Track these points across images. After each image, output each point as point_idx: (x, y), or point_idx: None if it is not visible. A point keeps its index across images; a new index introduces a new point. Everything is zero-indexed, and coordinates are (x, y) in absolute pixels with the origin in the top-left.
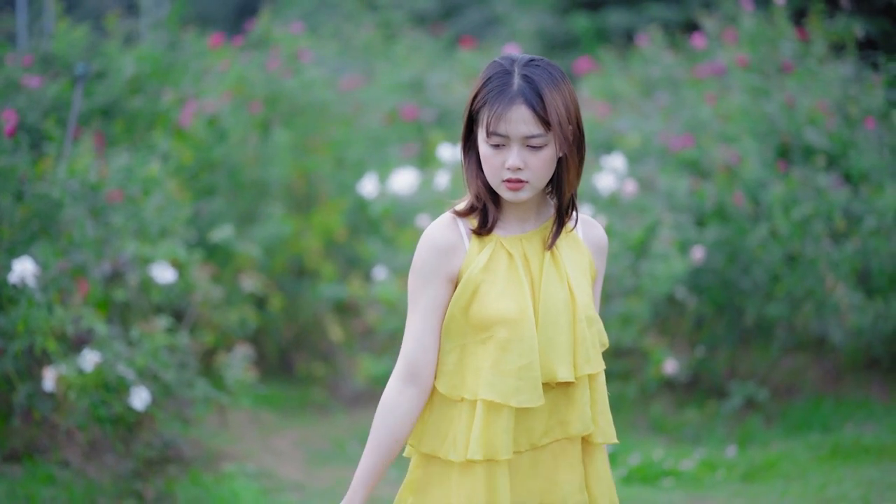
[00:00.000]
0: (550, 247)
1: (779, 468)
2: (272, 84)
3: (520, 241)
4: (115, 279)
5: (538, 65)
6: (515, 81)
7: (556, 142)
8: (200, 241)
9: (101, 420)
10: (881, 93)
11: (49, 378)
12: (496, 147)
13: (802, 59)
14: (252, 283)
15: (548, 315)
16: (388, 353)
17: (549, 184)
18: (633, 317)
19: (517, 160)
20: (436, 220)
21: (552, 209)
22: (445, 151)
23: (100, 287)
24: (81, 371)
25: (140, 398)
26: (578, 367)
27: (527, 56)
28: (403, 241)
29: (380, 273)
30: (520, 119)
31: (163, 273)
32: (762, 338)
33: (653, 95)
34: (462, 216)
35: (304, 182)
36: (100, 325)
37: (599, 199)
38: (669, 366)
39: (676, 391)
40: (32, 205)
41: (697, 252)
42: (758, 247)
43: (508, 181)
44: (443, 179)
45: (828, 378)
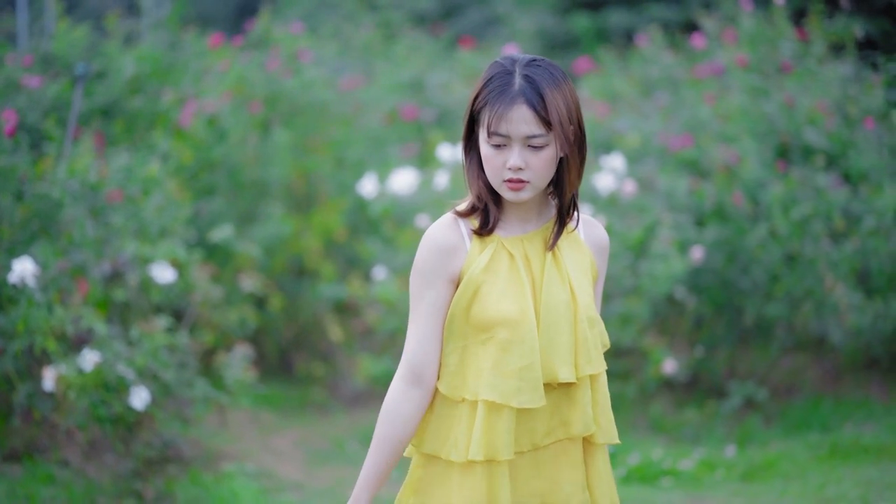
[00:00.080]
0: (552, 247)
1: (778, 468)
2: (272, 84)
3: (521, 242)
4: (115, 279)
5: (539, 65)
6: (517, 81)
7: (558, 142)
8: (200, 241)
9: (101, 420)
10: (881, 93)
11: (49, 378)
12: (497, 147)
13: (802, 59)
14: (252, 283)
15: (549, 316)
16: (388, 353)
17: (551, 184)
18: (633, 317)
19: (518, 160)
20: (437, 221)
21: (553, 209)
22: (445, 151)
23: (100, 287)
24: (81, 371)
25: (140, 398)
26: (580, 368)
27: (528, 56)
28: (403, 241)
29: (379, 273)
30: (521, 119)
31: (163, 273)
32: (761, 338)
33: (652, 95)
34: (463, 217)
35: (304, 182)
36: (100, 325)
37: (599, 199)
38: (669, 366)
39: (676, 391)
40: (32, 205)
41: (697, 252)
42: (757, 247)
43: (510, 181)
44: (442, 179)
45: (827, 378)
